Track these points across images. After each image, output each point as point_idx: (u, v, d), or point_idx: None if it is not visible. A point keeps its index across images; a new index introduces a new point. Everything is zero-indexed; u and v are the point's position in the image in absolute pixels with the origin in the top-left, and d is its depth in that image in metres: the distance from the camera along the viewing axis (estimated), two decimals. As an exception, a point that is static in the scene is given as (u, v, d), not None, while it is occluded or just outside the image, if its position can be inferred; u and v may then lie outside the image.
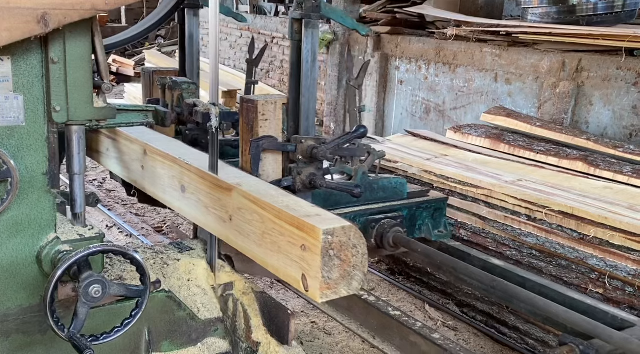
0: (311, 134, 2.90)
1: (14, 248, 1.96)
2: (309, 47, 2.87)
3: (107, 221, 5.46)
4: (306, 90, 2.91)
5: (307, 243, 2.00)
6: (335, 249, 1.97)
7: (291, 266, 2.08)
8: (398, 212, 3.28)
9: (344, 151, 2.97)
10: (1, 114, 1.85)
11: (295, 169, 2.85)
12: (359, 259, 2.03)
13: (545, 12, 5.95)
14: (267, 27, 9.27)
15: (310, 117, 2.93)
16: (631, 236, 3.31)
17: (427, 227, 3.44)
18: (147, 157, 2.94)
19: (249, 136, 2.81)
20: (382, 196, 3.34)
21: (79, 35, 1.89)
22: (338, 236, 1.97)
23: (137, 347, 2.29)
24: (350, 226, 2.01)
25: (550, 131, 4.90)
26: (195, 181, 2.56)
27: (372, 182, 3.20)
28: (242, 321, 2.49)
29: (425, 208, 3.42)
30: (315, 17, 2.82)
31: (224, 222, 2.41)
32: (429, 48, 6.70)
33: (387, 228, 3.18)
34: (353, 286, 2.04)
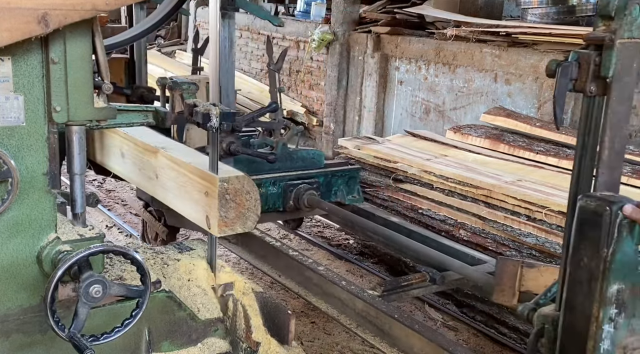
0: (232, 108, 3.33)
1: (14, 248, 1.96)
2: (227, 34, 3.47)
3: (107, 221, 5.46)
4: (225, 72, 3.52)
5: (209, 190, 2.40)
6: (231, 194, 2.37)
7: (199, 210, 2.50)
8: (315, 179, 3.86)
9: (261, 124, 3.58)
10: (1, 114, 1.85)
11: (224, 141, 3.24)
12: (252, 203, 2.43)
13: (545, 12, 5.96)
14: (267, 28, 9.27)
15: (230, 95, 3.59)
16: (631, 236, 3.30)
17: (341, 193, 4.06)
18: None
19: None
20: (301, 165, 3.93)
21: (80, 36, 1.89)
22: (233, 183, 2.36)
23: (137, 347, 2.29)
24: (244, 176, 2.39)
25: (549, 131, 4.90)
26: (131, 148, 3.08)
27: (291, 153, 3.77)
28: (242, 321, 2.49)
29: (340, 176, 4.06)
30: (230, 8, 3.35)
31: (152, 180, 2.90)
32: (428, 48, 6.70)
33: (302, 192, 3.80)
34: (247, 225, 2.44)
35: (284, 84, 8.92)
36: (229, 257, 4.75)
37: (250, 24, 9.70)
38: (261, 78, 9.37)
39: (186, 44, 12.06)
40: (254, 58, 9.62)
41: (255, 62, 9.60)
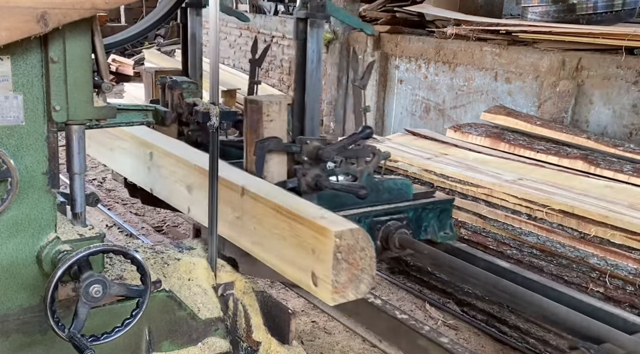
0: (316, 134, 2.89)
1: (14, 248, 1.96)
2: (314, 47, 2.82)
3: (107, 221, 5.46)
4: (311, 90, 2.88)
5: (317, 246, 2.00)
6: (344, 252, 1.96)
7: (299, 267, 2.10)
8: (404, 213, 3.20)
9: (349, 152, 2.94)
10: (1, 113, 1.85)
11: (300, 171, 2.82)
12: (367, 262, 2.01)
13: (545, 10, 5.95)
14: (267, 26, 9.27)
15: (315, 118, 2.92)
16: (632, 235, 3.31)
17: (432, 229, 3.34)
18: (154, 158, 3.02)
19: (254, 137, 2.79)
20: (388, 197, 3.26)
21: (79, 35, 1.88)
22: (346, 238, 1.96)
23: (138, 347, 2.29)
24: (359, 228, 1.99)
25: (550, 129, 4.90)
26: (203, 181, 2.60)
27: (377, 183, 3.14)
28: (242, 320, 2.49)
29: (431, 209, 3.33)
30: (320, 16, 2.77)
31: (232, 223, 2.49)
32: (428, 47, 6.69)
33: (392, 230, 3.10)
34: (361, 289, 2.03)
35: (283, 83, 8.92)
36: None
37: (250, 24, 9.69)
38: (261, 77, 9.36)
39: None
40: (253, 57, 9.60)
41: (255, 61, 9.58)
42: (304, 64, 2.86)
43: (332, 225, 2.01)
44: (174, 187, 2.91)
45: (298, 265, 2.16)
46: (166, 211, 5.79)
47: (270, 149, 2.77)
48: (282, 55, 8.93)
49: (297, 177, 2.82)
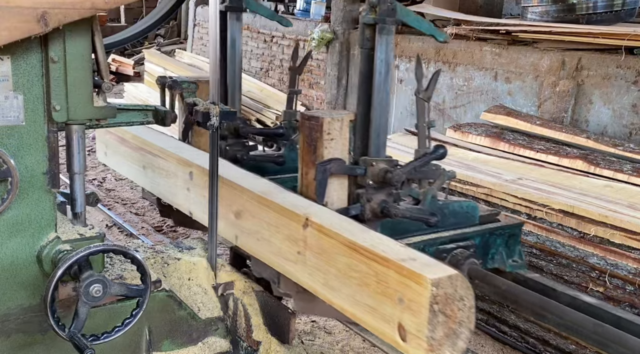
0: (382, 154, 2.57)
1: (14, 248, 1.96)
2: (383, 56, 2.49)
3: (107, 221, 5.46)
4: (378, 104, 2.53)
5: (406, 293, 1.75)
6: (440, 303, 1.70)
7: (382, 317, 1.85)
8: (470, 240, 2.86)
9: (419, 174, 2.65)
10: (1, 113, 1.85)
11: (365, 196, 2.51)
12: (466, 314, 1.77)
13: (545, 10, 5.95)
14: (266, 26, 9.26)
15: (382, 136, 2.58)
16: (631, 235, 3.31)
17: (500, 257, 2.95)
18: (195, 178, 2.78)
19: (312, 158, 2.49)
20: (453, 222, 2.89)
21: (79, 35, 1.89)
22: (443, 287, 1.70)
23: (138, 346, 2.29)
24: (457, 274, 1.75)
25: (550, 129, 4.89)
26: (254, 207, 2.42)
27: (442, 206, 2.81)
28: (242, 320, 2.49)
29: (499, 235, 2.96)
30: (390, 21, 2.44)
31: (291, 258, 2.23)
32: (428, 47, 6.69)
33: (460, 259, 2.71)
34: (458, 346, 1.78)
35: (284, 83, 8.92)
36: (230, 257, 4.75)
37: (250, 23, 9.69)
38: (261, 77, 9.37)
39: (186, 43, 12.06)
40: (253, 57, 9.61)
41: (255, 61, 9.59)
42: (371, 75, 2.53)
43: (426, 270, 1.73)
44: (219, 212, 2.63)
45: (380, 314, 1.88)
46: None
47: (332, 172, 2.48)
48: (282, 55, 8.93)
49: (361, 203, 2.52)
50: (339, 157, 2.48)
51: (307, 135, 2.50)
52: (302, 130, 2.53)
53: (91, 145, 7.82)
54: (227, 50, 3.38)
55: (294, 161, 3.13)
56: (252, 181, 2.58)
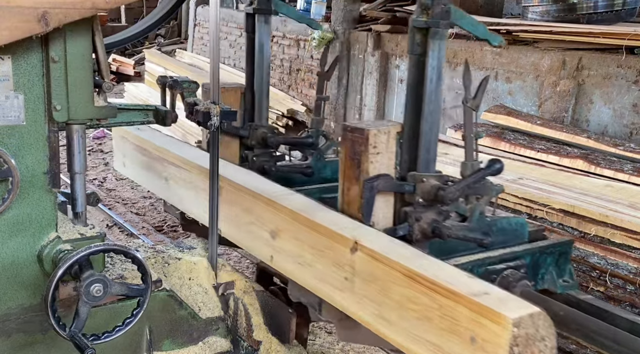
0: (432, 169, 2.38)
1: (15, 247, 1.96)
2: (435, 62, 2.27)
3: (107, 220, 5.46)
4: (429, 115, 2.33)
5: (480, 333, 1.58)
6: (521, 345, 1.53)
7: None
8: (520, 259, 2.64)
9: (472, 190, 2.43)
10: (2, 113, 1.85)
11: (413, 214, 2.32)
12: None
13: (546, 10, 5.95)
14: (267, 26, 9.26)
15: (432, 150, 2.38)
16: (632, 234, 3.31)
17: (551, 277, 2.73)
18: (224, 193, 2.62)
19: (355, 173, 2.30)
20: (501, 240, 2.68)
21: (80, 34, 1.89)
22: (525, 327, 1.54)
23: (139, 346, 2.29)
24: (539, 312, 1.60)
25: (550, 129, 4.89)
26: (293, 227, 2.25)
27: (490, 223, 2.62)
28: (243, 320, 2.49)
29: (550, 253, 2.75)
30: (444, 25, 2.25)
31: (337, 284, 2.07)
32: (429, 47, 6.69)
33: (512, 281, 2.48)
34: None
35: (284, 83, 8.92)
36: (230, 256, 4.75)
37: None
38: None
39: (186, 43, 12.06)
40: (254, 57, 9.61)
41: (255, 61, 9.59)
42: (421, 83, 2.31)
43: (504, 307, 1.56)
44: (251, 230, 2.49)
45: None
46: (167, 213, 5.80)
47: (379, 189, 2.29)
48: (283, 55, 8.93)
49: (409, 222, 2.32)
50: (386, 173, 2.29)
51: (349, 148, 2.30)
52: (344, 142, 2.33)
53: (92, 145, 7.83)
54: (254, 55, 3.18)
55: (321, 171, 3.10)
56: (289, 198, 2.39)
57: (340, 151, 2.38)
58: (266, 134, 3.09)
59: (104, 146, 7.98)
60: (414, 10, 2.34)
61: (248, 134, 3.11)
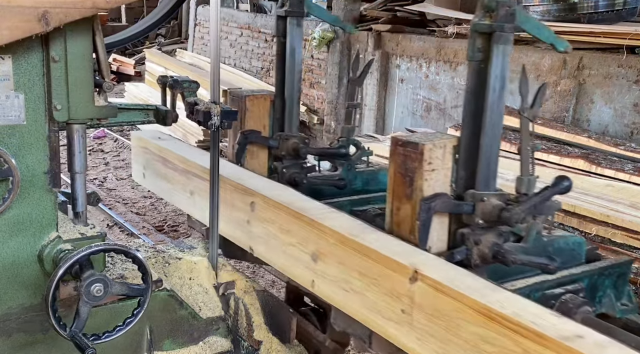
0: (492, 187, 2.18)
1: (16, 247, 1.96)
2: (498, 70, 2.08)
3: (108, 220, 5.46)
4: (490, 128, 2.15)
5: None
6: None
7: None
8: (579, 282, 2.44)
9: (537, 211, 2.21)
10: (2, 113, 1.85)
11: (472, 237, 2.12)
12: None
13: (546, 9, 5.95)
14: (267, 26, 9.26)
15: (493, 165, 2.17)
16: (633, 234, 3.31)
17: (609, 300, 2.53)
18: (257, 209, 2.44)
19: (407, 191, 2.10)
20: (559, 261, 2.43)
21: (80, 34, 1.88)
22: None
23: (139, 346, 2.29)
24: None
25: (551, 129, 4.89)
26: (339, 251, 2.07)
27: (546, 244, 2.42)
28: (243, 319, 2.49)
29: (608, 275, 2.56)
30: (509, 29, 2.05)
31: (392, 317, 1.90)
32: (429, 46, 6.69)
33: (572, 307, 2.27)
34: None
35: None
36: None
37: (250, 22, 9.69)
38: (262, 76, 9.37)
39: (187, 43, 12.07)
40: (254, 56, 9.62)
41: (256, 61, 9.60)
42: (481, 92, 2.12)
43: None
44: (290, 251, 2.30)
45: None
46: (167, 210, 5.80)
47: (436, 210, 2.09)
48: (283, 55, 8.93)
49: (467, 246, 2.12)
50: (443, 192, 2.10)
51: (400, 164, 2.10)
52: (394, 158, 2.13)
53: (92, 145, 7.83)
54: (285, 60, 2.98)
55: (351, 182, 2.94)
56: (333, 217, 2.21)
57: (389, 166, 2.18)
58: (297, 145, 2.91)
59: (105, 146, 7.98)
60: (475, 13, 2.14)
61: (278, 144, 2.94)
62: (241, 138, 2.90)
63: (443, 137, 2.16)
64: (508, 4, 2.05)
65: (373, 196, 2.83)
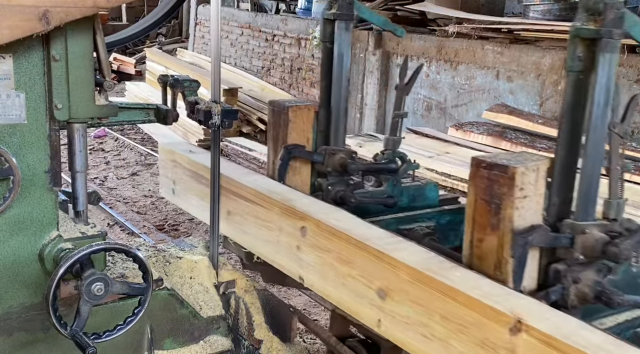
0: (592, 216, 1.92)
1: (16, 246, 1.96)
2: (604, 81, 1.85)
3: (108, 219, 5.46)
4: (592, 147, 1.88)
5: None
6: None
7: None
8: None
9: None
10: (3, 112, 1.85)
11: (569, 274, 1.85)
12: None
13: (547, 9, 5.95)
14: (268, 25, 9.26)
15: (593, 191, 1.92)
16: (633, 233, 3.30)
17: None
18: (309, 235, 2.18)
19: (491, 221, 1.84)
20: None
21: (81, 33, 1.88)
22: None
23: (140, 345, 2.29)
24: None
25: (552, 128, 4.89)
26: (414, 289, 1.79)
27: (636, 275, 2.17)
28: (244, 319, 2.49)
29: None
30: (617, 35, 1.80)
31: None
32: (430, 45, 6.69)
33: None
34: None
35: (285, 82, 8.92)
36: (231, 255, 4.75)
37: (251, 22, 9.69)
38: (262, 76, 9.37)
39: (187, 42, 12.07)
40: (255, 55, 9.62)
41: (256, 60, 9.59)
42: (581, 107, 1.91)
43: None
44: (350, 285, 2.02)
45: None
46: (167, 209, 5.80)
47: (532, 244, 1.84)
48: (284, 54, 8.93)
49: (564, 284, 1.86)
50: (538, 224, 1.84)
51: (484, 189, 1.84)
52: (476, 181, 1.88)
53: (93, 144, 7.83)
54: (332, 67, 2.75)
55: (397, 198, 2.70)
56: (402, 248, 1.94)
57: (468, 191, 1.93)
58: (345, 160, 2.64)
59: (105, 145, 7.99)
60: (576, 17, 1.87)
61: (323, 159, 2.67)
62: (284, 153, 2.66)
63: (533, 158, 1.89)
64: (617, 6, 1.81)
65: (419, 213, 2.61)
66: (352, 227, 2.09)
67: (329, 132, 2.74)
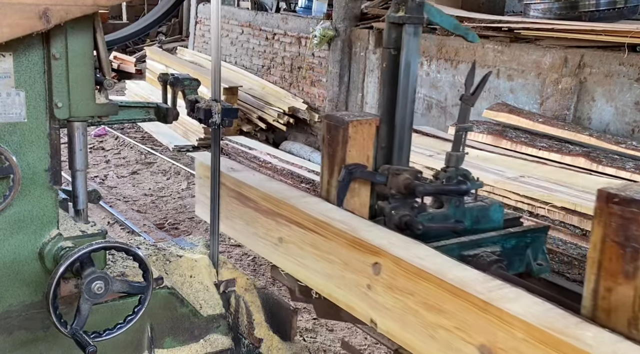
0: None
1: (17, 245, 1.96)
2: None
3: (109, 218, 5.46)
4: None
5: None
6: None
7: None
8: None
9: None
10: (3, 110, 1.85)
11: None
12: None
13: (548, 7, 5.95)
14: (268, 24, 9.26)
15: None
16: (634, 232, 3.30)
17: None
18: (383, 272, 1.89)
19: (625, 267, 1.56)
20: None
21: (81, 32, 1.88)
22: None
23: (140, 343, 2.30)
24: None
25: (552, 127, 4.89)
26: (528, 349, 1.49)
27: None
28: (244, 317, 2.49)
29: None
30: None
31: None
32: (430, 44, 6.68)
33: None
34: None
35: (285, 81, 8.91)
36: (232, 254, 4.75)
37: (251, 20, 9.68)
38: (262, 74, 9.36)
39: (187, 41, 12.06)
40: (255, 54, 9.61)
41: (256, 59, 9.59)
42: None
43: None
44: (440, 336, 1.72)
45: None
46: (167, 208, 5.80)
47: None
48: (284, 53, 8.92)
49: None
50: None
51: (616, 229, 1.59)
52: (604, 218, 1.64)
53: (93, 142, 7.83)
54: (397, 76, 2.44)
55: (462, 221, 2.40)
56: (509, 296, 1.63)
57: (593, 229, 1.69)
58: (411, 181, 2.33)
59: (105, 144, 7.99)
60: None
61: (386, 180, 2.37)
62: (345, 174, 2.38)
63: None
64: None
65: (483, 237, 2.33)
66: (440, 267, 1.78)
67: (391, 149, 2.46)
